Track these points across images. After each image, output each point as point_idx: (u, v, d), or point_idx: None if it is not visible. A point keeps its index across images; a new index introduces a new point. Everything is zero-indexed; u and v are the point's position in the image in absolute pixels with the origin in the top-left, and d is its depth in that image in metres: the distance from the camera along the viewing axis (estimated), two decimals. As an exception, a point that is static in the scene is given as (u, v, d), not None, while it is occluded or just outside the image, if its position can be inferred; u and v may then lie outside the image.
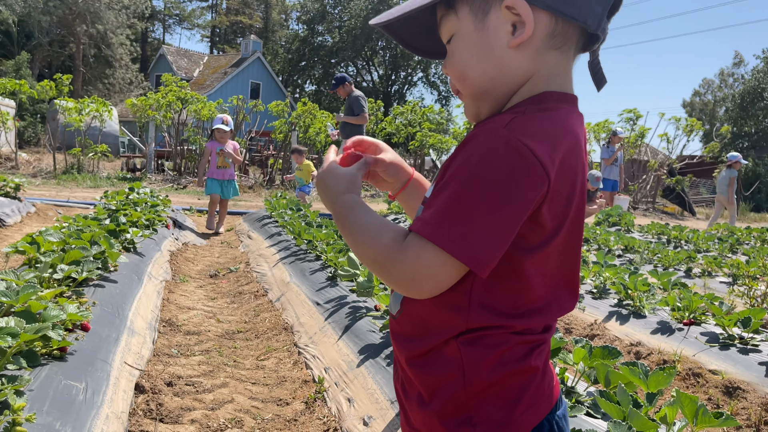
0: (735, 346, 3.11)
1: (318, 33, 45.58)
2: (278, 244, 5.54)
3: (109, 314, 2.85)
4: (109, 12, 33.82)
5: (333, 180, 1.00)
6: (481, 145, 0.82)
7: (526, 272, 0.86)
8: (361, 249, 0.89)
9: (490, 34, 0.89)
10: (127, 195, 6.23)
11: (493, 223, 0.79)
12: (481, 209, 0.79)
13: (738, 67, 47.36)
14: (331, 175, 1.01)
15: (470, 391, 0.87)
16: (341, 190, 0.98)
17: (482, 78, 0.91)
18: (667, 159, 17.78)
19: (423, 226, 0.82)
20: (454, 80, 0.96)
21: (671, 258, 5.92)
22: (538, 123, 0.83)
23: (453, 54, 0.94)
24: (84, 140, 13.98)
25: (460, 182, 0.81)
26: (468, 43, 0.91)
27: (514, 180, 0.79)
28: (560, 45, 0.90)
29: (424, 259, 0.82)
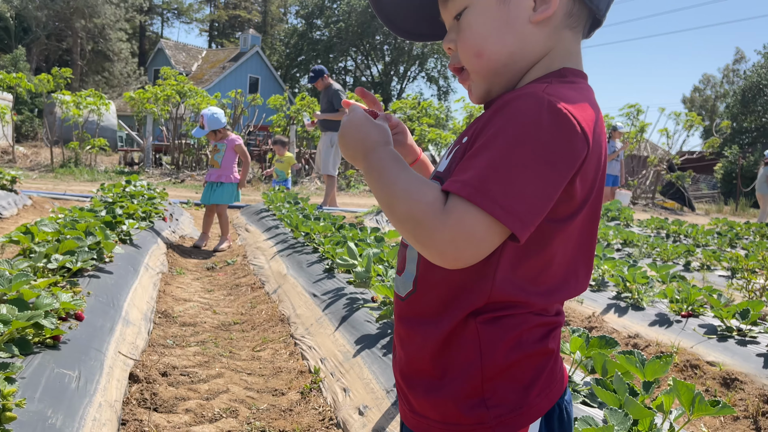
0: (733, 338, 3.10)
1: (316, 27, 45.50)
2: (275, 237, 5.52)
3: (104, 304, 2.84)
4: (107, 6, 33.74)
5: (371, 129, 0.91)
6: (523, 108, 0.79)
7: (552, 245, 0.85)
8: (398, 207, 0.81)
9: (512, 8, 0.88)
10: (124, 187, 6.21)
11: (538, 186, 0.77)
12: (527, 172, 0.76)
13: (739, 63, 47.29)
14: (368, 123, 0.92)
15: (486, 374, 0.85)
16: (381, 141, 0.90)
17: (501, 52, 0.90)
18: (666, 154, 17.76)
19: (464, 186, 0.77)
20: (466, 56, 0.93)
21: (670, 252, 5.91)
22: (572, 93, 0.83)
23: (468, 28, 0.91)
24: (81, 134, 13.94)
25: (504, 144, 0.78)
26: (487, 16, 0.89)
27: (559, 144, 0.77)
28: (575, 25, 0.91)
29: (467, 223, 0.76)
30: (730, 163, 26.08)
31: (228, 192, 5.98)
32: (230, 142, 5.96)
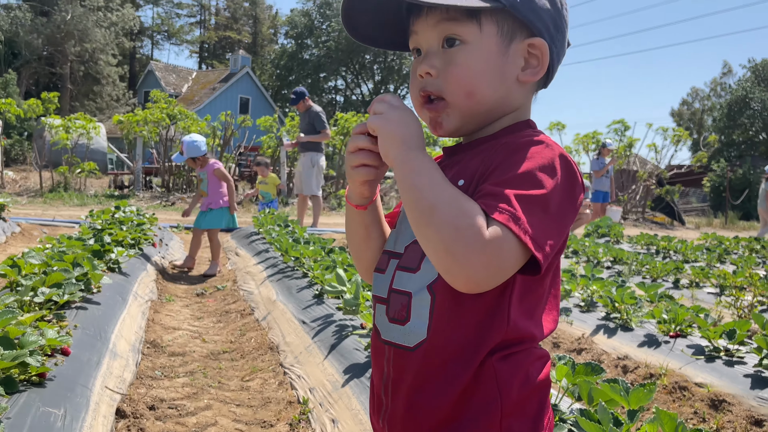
0: (721, 359, 3.12)
1: (306, 47, 45.80)
2: (265, 261, 5.51)
3: (91, 337, 2.82)
4: (97, 30, 33.85)
5: (418, 127, 0.90)
6: (544, 154, 0.86)
7: (546, 279, 0.92)
8: (443, 213, 0.81)
9: (508, 61, 0.94)
10: (113, 214, 6.20)
11: (561, 225, 0.85)
12: (555, 212, 0.84)
13: (727, 76, 47.87)
14: (417, 120, 0.91)
15: (505, 410, 0.87)
16: (422, 143, 0.89)
17: (491, 98, 0.94)
18: (656, 169, 17.90)
19: (512, 218, 0.80)
20: (457, 92, 0.94)
21: (659, 269, 5.94)
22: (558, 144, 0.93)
23: (464, 65, 0.93)
24: (71, 158, 13.91)
25: (535, 184, 0.83)
26: (488, 62, 0.93)
27: (574, 189, 0.87)
28: (535, 90, 1.02)
29: (504, 250, 0.80)
30: (718, 176, 26.31)
31: (218, 217, 5.96)
32: (209, 169, 5.92)
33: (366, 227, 1.06)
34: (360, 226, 1.07)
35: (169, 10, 51.31)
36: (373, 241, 1.07)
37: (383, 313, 0.98)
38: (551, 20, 0.95)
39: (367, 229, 1.06)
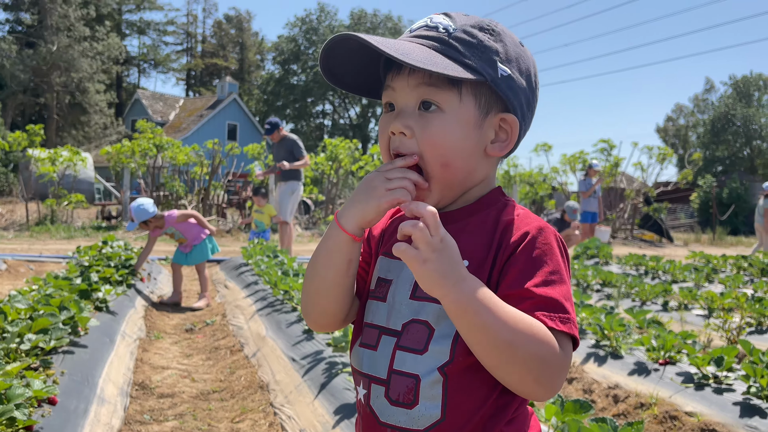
0: (710, 386, 3.13)
1: (293, 73, 46.13)
2: (255, 294, 5.49)
3: (78, 383, 2.79)
4: (83, 60, 33.91)
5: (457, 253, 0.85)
6: (553, 243, 0.93)
7: None
8: (525, 348, 0.83)
9: (482, 134, 0.96)
10: (101, 249, 6.16)
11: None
12: (571, 295, 0.92)
13: (709, 92, 48.61)
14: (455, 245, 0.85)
15: None
16: (454, 275, 0.84)
17: (464, 170, 0.96)
18: (643, 186, 18.07)
19: (571, 324, 0.88)
20: (433, 160, 0.92)
21: (648, 292, 5.97)
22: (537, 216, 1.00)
23: (442, 133, 0.92)
24: (58, 190, 13.85)
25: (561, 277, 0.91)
26: (462, 133, 0.93)
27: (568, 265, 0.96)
28: (499, 162, 1.05)
29: (569, 355, 0.88)
30: (705, 192, 26.57)
31: (199, 252, 5.91)
32: (171, 222, 5.77)
33: (349, 262, 0.96)
34: (343, 259, 0.95)
35: (156, 38, 51.59)
36: (350, 279, 0.98)
37: (381, 395, 0.94)
38: (525, 99, 0.99)
39: (349, 264, 0.96)
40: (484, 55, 0.93)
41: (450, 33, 0.93)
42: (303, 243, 12.59)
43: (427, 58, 0.89)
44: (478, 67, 0.92)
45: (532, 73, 1.00)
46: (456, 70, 0.90)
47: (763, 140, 37.62)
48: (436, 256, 0.82)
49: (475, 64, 0.92)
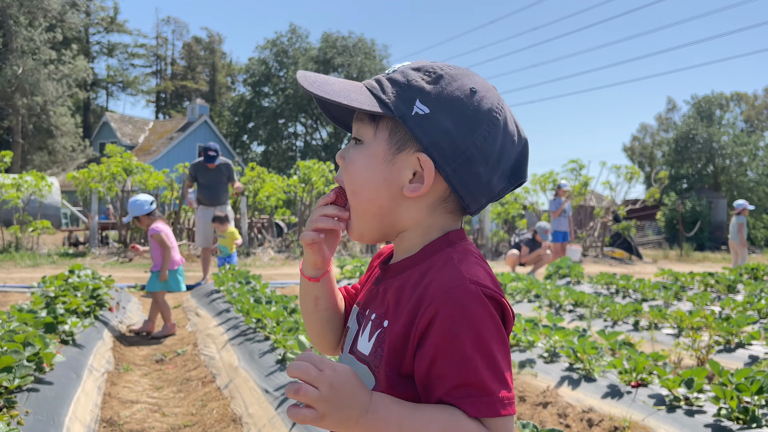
0: (681, 408, 3.16)
1: (264, 95, 46.08)
2: (227, 323, 5.41)
3: (44, 423, 2.71)
4: (49, 82, 33.40)
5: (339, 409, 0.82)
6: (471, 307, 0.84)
7: None
8: None
9: (394, 170, 0.93)
10: (67, 278, 6.02)
11: (509, 371, 0.86)
12: (505, 364, 0.85)
13: (672, 111, 49.83)
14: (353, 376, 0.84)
15: None
16: (355, 413, 0.82)
17: (373, 203, 0.95)
18: (612, 205, 18.38)
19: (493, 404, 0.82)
20: (347, 187, 0.98)
21: (619, 312, 6.04)
22: (479, 267, 0.90)
23: (354, 163, 0.97)
24: (23, 217, 13.54)
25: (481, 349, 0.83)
26: (372, 165, 0.94)
27: (501, 328, 0.86)
28: (452, 210, 0.97)
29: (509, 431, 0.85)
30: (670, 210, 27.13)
31: (155, 279, 5.80)
32: (150, 232, 5.81)
33: (315, 299, 1.09)
34: (310, 297, 1.10)
35: (124, 61, 51.15)
36: (320, 312, 1.10)
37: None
38: (449, 142, 0.91)
39: (316, 300, 1.09)
40: (404, 93, 0.92)
41: (389, 73, 0.97)
42: (276, 267, 12.48)
43: (344, 92, 0.94)
44: (390, 103, 0.92)
45: (475, 120, 0.92)
46: (367, 104, 0.93)
47: (725, 158, 38.64)
48: (331, 407, 0.81)
49: (389, 100, 0.92)
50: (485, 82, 0.97)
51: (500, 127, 0.94)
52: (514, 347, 4.52)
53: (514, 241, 11.51)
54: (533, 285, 7.59)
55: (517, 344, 4.54)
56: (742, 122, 47.02)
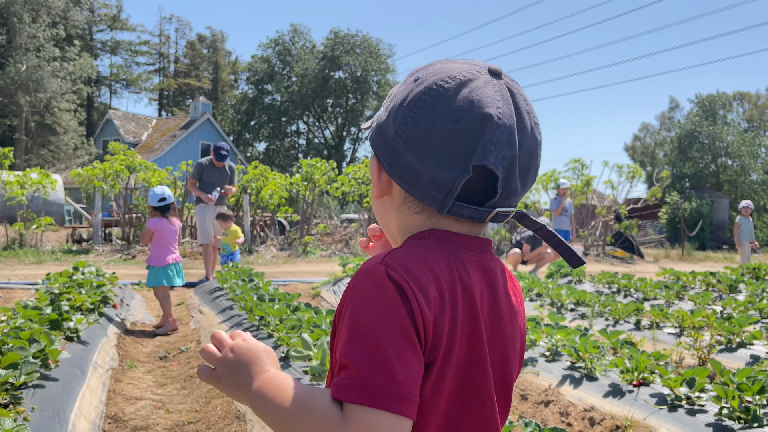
0: (683, 407, 3.18)
1: (267, 92, 46.11)
2: (230, 320, 5.44)
3: (49, 419, 2.73)
4: (53, 80, 33.47)
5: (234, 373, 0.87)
6: (363, 286, 0.80)
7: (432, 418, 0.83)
8: (290, 428, 0.78)
9: (383, 180, 0.93)
10: (71, 276, 6.05)
11: (399, 362, 0.76)
12: (388, 353, 0.76)
13: (674, 111, 49.76)
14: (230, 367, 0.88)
15: None
16: (245, 381, 0.86)
17: (378, 215, 0.98)
18: (614, 204, 18.37)
19: (352, 391, 0.75)
20: None
21: (621, 311, 6.06)
22: (412, 256, 0.83)
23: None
24: (26, 214, 13.59)
25: (362, 331, 0.77)
26: (372, 179, 0.96)
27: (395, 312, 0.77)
28: (417, 211, 0.90)
29: (373, 425, 0.74)
30: (672, 209, 27.11)
31: (149, 274, 5.91)
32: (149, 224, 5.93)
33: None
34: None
35: (127, 58, 51.21)
36: None
37: None
38: (381, 137, 0.90)
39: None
40: (387, 103, 0.92)
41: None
42: (278, 265, 12.51)
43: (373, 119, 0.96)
44: (376, 116, 0.94)
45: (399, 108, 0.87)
46: (367, 123, 0.97)
47: (728, 157, 38.59)
48: (226, 370, 0.87)
49: (378, 113, 0.94)
50: (454, 68, 0.88)
51: (427, 108, 0.85)
52: (516, 346, 4.53)
53: (515, 239, 11.53)
54: (535, 284, 7.61)
55: (519, 343, 4.56)
56: (745, 122, 46.97)
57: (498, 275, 0.92)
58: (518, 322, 0.94)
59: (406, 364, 0.76)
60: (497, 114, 0.84)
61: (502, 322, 0.90)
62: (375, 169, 0.92)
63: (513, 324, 0.92)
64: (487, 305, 0.88)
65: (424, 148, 0.84)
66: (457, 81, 0.86)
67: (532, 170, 0.89)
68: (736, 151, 37.69)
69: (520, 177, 0.87)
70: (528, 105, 0.90)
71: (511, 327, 0.91)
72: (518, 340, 0.93)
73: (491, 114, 0.83)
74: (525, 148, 0.86)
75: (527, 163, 0.88)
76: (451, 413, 0.84)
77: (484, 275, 0.89)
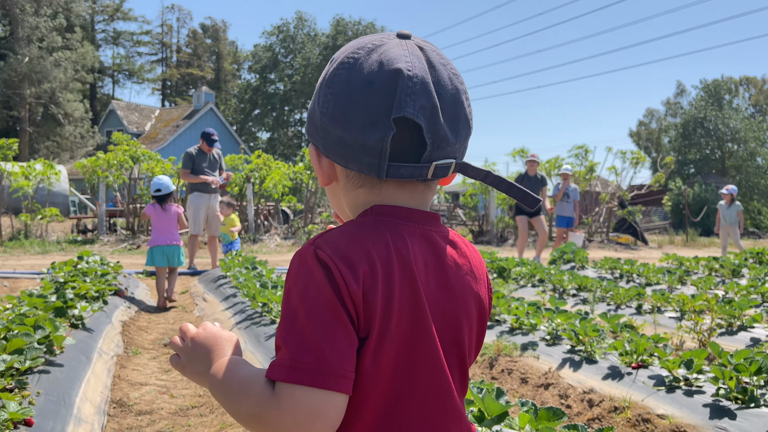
0: (681, 389, 3.21)
1: (270, 81, 46.03)
2: (233, 307, 5.49)
3: (54, 403, 2.78)
4: (56, 70, 33.47)
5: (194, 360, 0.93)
6: (293, 268, 0.84)
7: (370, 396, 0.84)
8: (240, 410, 0.82)
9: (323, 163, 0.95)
10: (76, 264, 6.10)
11: (328, 339, 0.78)
12: (312, 331, 0.78)
13: (681, 96, 49.43)
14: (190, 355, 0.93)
15: None
16: (205, 368, 0.91)
17: (329, 196, 1.01)
18: (617, 190, 18.35)
19: (280, 370, 0.78)
20: None
21: (622, 296, 6.08)
22: (347, 235, 0.85)
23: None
24: (31, 204, 13.66)
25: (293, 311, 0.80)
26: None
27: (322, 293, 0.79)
28: (361, 184, 0.92)
29: (301, 402, 0.77)
30: (676, 195, 27.03)
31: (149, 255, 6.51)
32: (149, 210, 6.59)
33: None
34: None
35: (130, 48, 51.15)
36: None
37: None
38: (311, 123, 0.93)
39: None
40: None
41: None
42: (282, 253, 12.56)
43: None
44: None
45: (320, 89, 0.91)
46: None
47: (734, 142, 38.39)
48: (189, 358, 0.93)
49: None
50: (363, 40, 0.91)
51: (343, 80, 0.87)
52: (516, 330, 4.57)
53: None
54: (537, 270, 7.63)
55: (519, 327, 4.59)
56: (751, 107, 46.66)
57: (444, 246, 0.92)
58: (474, 290, 0.94)
59: (335, 341, 0.78)
60: (406, 67, 0.85)
61: (453, 292, 0.90)
62: (314, 157, 0.94)
63: (466, 292, 0.92)
64: (433, 277, 0.88)
65: (347, 118, 0.86)
66: (366, 49, 0.88)
67: (462, 119, 0.90)
68: (743, 136, 37.47)
69: (448, 126, 0.87)
70: (443, 59, 0.91)
71: (463, 296, 0.92)
72: (474, 307, 0.93)
73: (400, 68, 0.85)
74: (446, 97, 0.87)
75: (453, 111, 0.88)
76: (396, 382, 0.84)
77: (429, 246, 0.90)
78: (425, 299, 0.85)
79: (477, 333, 0.95)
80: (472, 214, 19.67)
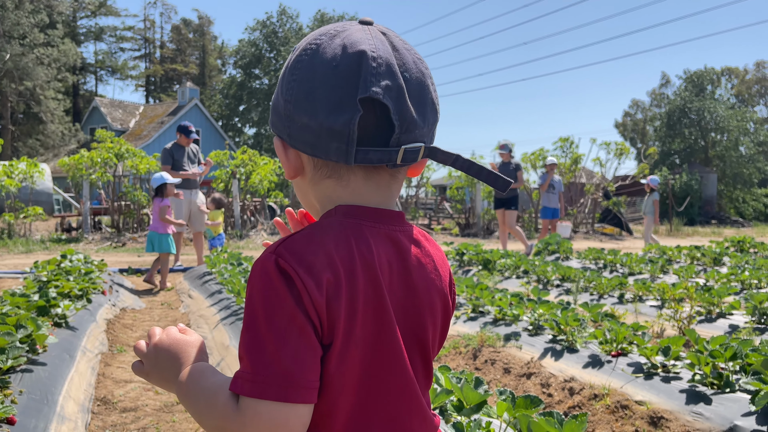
0: (658, 375, 3.27)
1: (255, 76, 45.81)
2: (219, 303, 5.49)
3: (37, 402, 2.78)
4: (38, 68, 33.09)
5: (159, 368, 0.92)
6: (252, 278, 0.82)
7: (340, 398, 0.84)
8: (206, 422, 0.82)
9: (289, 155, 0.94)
10: (59, 263, 6.07)
11: (289, 350, 0.77)
12: (274, 344, 0.77)
13: (665, 87, 49.74)
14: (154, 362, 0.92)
15: None
16: (170, 375, 0.90)
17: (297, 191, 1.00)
18: (602, 181, 18.48)
19: (243, 384, 0.78)
20: None
21: (605, 285, 6.15)
22: (305, 235, 0.85)
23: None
24: (15, 203, 13.55)
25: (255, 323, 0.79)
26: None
27: (281, 303, 0.79)
28: (329, 174, 0.90)
29: (265, 416, 0.77)
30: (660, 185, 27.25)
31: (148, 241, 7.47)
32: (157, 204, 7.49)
33: None
34: None
35: (112, 44, 50.67)
36: None
37: None
38: (276, 113, 0.92)
39: None
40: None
41: None
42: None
43: None
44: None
45: (283, 78, 0.90)
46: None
47: (717, 132, 38.75)
48: (152, 365, 0.92)
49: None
50: (325, 27, 0.91)
51: (306, 65, 0.87)
52: (500, 321, 4.62)
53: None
54: (522, 261, 7.69)
55: (502, 318, 4.64)
56: (733, 97, 47.10)
57: (408, 245, 0.92)
58: (438, 287, 0.94)
59: (297, 352, 0.77)
60: (370, 49, 0.85)
61: (416, 291, 0.90)
62: (280, 149, 0.93)
63: (429, 291, 0.92)
64: (397, 277, 0.88)
65: (312, 103, 0.85)
66: (329, 35, 0.88)
67: (428, 102, 0.89)
68: (727, 125, 37.84)
69: (415, 108, 0.86)
70: (406, 44, 0.91)
71: (427, 294, 0.92)
72: (439, 304, 0.94)
73: (364, 50, 0.84)
74: (412, 80, 0.87)
75: (419, 94, 0.87)
76: (362, 385, 0.85)
77: (393, 247, 0.89)
78: (389, 301, 0.85)
79: (441, 328, 0.97)
80: (459, 207, 19.74)
